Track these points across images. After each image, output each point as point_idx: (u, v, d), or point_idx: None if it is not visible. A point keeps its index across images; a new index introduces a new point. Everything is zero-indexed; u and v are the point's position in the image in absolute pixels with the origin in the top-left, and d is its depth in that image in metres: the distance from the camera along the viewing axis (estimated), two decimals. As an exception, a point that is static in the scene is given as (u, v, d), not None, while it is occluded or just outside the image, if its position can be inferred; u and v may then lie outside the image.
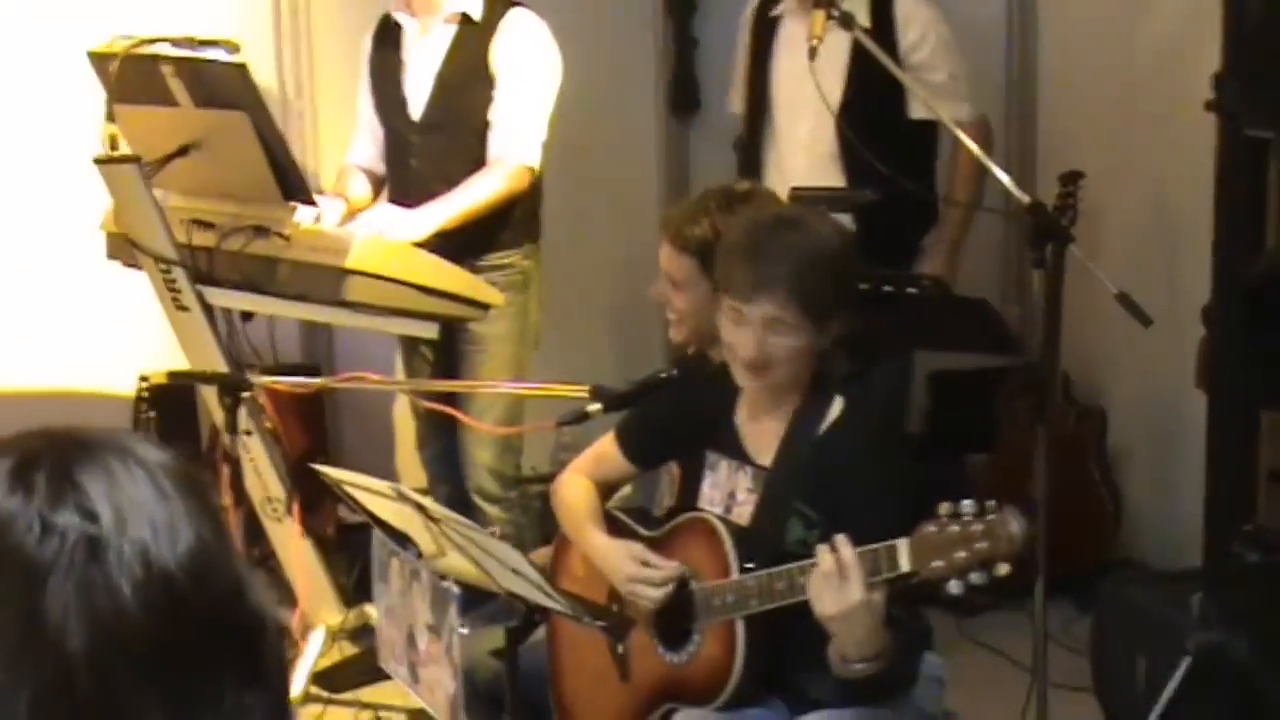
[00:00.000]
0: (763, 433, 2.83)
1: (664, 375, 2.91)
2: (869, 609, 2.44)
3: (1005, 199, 3.73)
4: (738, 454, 2.84)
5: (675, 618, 2.82)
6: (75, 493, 1.15)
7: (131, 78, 3.77)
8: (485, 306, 4.03)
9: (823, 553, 2.46)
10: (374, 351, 4.88)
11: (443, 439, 4.51)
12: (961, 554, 2.34)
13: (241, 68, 3.73)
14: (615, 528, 3.00)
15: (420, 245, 3.98)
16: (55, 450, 1.19)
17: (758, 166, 4.48)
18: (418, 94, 4.34)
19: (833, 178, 4.28)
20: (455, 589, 2.58)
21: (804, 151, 4.35)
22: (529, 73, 4.27)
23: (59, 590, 1.13)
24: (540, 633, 3.01)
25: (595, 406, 2.78)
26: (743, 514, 2.81)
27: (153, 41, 3.82)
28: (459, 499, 4.36)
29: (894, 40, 4.25)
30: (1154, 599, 3.52)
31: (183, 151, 3.82)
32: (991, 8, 5.43)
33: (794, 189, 4.00)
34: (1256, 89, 2.81)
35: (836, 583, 2.43)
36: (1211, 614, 2.84)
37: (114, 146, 3.77)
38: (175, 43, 3.84)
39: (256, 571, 1.26)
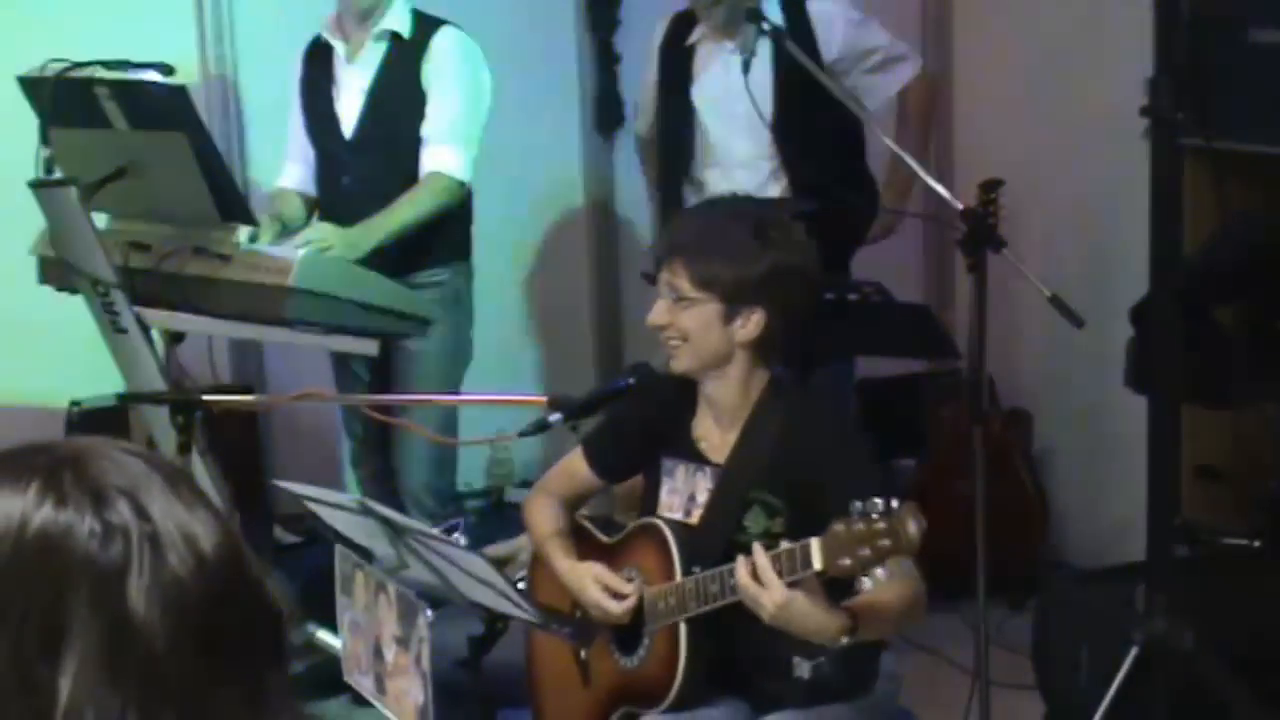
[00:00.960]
0: (721, 437, 2.88)
1: (623, 384, 2.95)
2: (799, 602, 2.48)
3: (938, 205, 3.83)
4: (694, 457, 2.89)
5: (630, 622, 2.87)
6: (115, 494, 1.16)
7: (66, 101, 3.77)
8: (425, 322, 4.05)
9: (739, 561, 2.53)
10: (305, 370, 4.88)
11: (378, 458, 4.52)
12: (865, 551, 2.38)
13: (180, 89, 3.74)
14: (580, 536, 3.04)
15: (356, 263, 4.00)
16: (62, 460, 1.18)
17: (678, 194, 4.51)
18: (349, 113, 4.35)
19: (775, 191, 4.34)
20: (423, 601, 2.60)
21: (744, 169, 4.38)
22: (459, 89, 4.30)
23: (139, 591, 1.14)
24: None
25: (555, 416, 2.80)
26: (700, 515, 2.87)
27: (86, 65, 3.82)
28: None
29: (814, 43, 4.30)
30: (1094, 595, 3.61)
31: (119, 174, 3.80)
32: (907, 9, 5.50)
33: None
34: (1188, 96, 2.89)
35: (757, 588, 2.49)
36: (1156, 605, 2.91)
37: (49, 170, 3.76)
38: (109, 65, 3.83)
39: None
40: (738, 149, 4.39)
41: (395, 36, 4.32)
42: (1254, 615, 3.53)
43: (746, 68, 3.78)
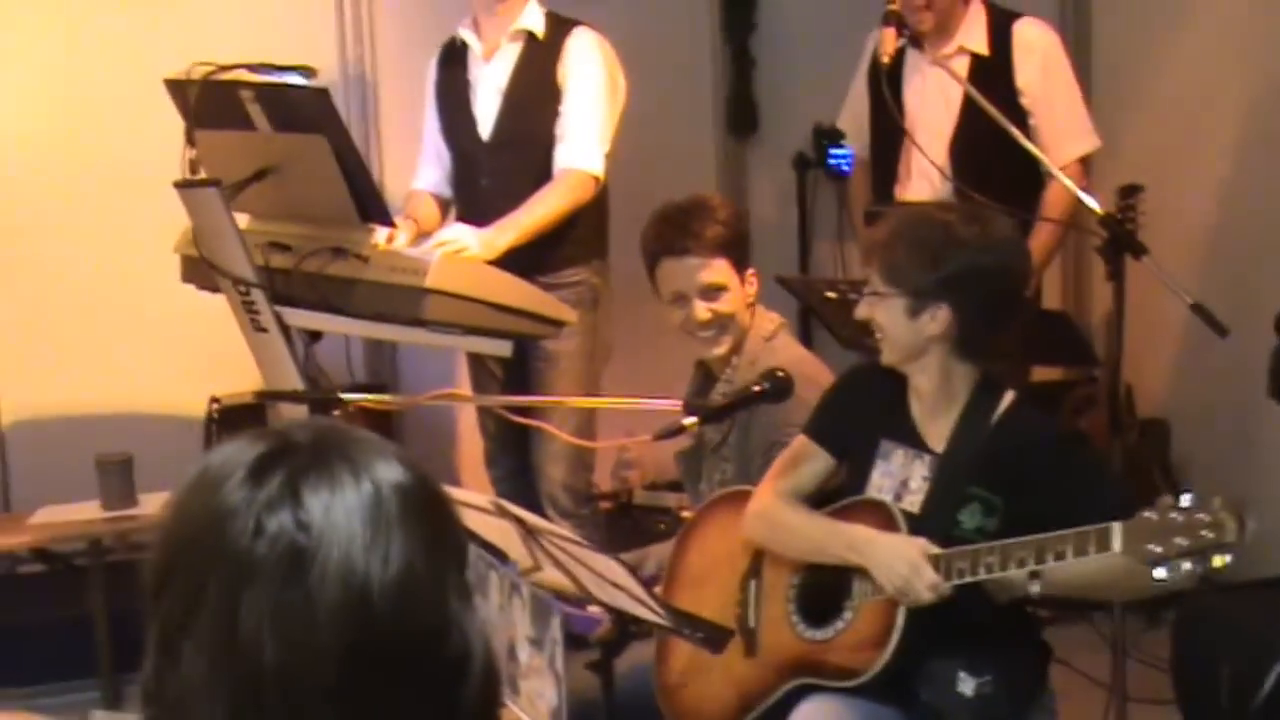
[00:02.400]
0: (937, 424, 2.87)
1: (756, 389, 2.94)
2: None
3: (1077, 211, 3.78)
4: (914, 442, 2.88)
5: (819, 596, 2.85)
6: (295, 499, 1.16)
7: (210, 103, 3.82)
8: (559, 324, 4.06)
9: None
10: (436, 370, 4.93)
11: (513, 457, 4.55)
12: (1182, 540, 2.35)
13: (323, 92, 3.78)
14: None
15: (492, 263, 4.03)
16: (302, 450, 1.19)
17: (889, 187, 4.44)
18: (486, 113, 4.42)
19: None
20: (557, 602, 2.61)
21: (923, 177, 4.32)
22: (591, 86, 4.35)
23: (257, 600, 1.13)
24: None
25: (690, 420, 2.80)
26: (914, 502, 2.84)
27: (230, 68, 3.87)
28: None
29: (1010, 69, 4.24)
30: (1236, 609, 3.54)
31: (261, 175, 3.85)
32: (1044, 13, 5.42)
33: (868, 208, 4.04)
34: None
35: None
36: (1303, 620, 2.86)
37: (194, 171, 3.82)
38: (253, 68, 3.88)
39: (473, 613, 1.22)
40: (920, 160, 4.26)
41: (530, 36, 4.38)
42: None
43: (887, 70, 3.75)
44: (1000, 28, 4.25)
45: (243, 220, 4.01)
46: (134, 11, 5.00)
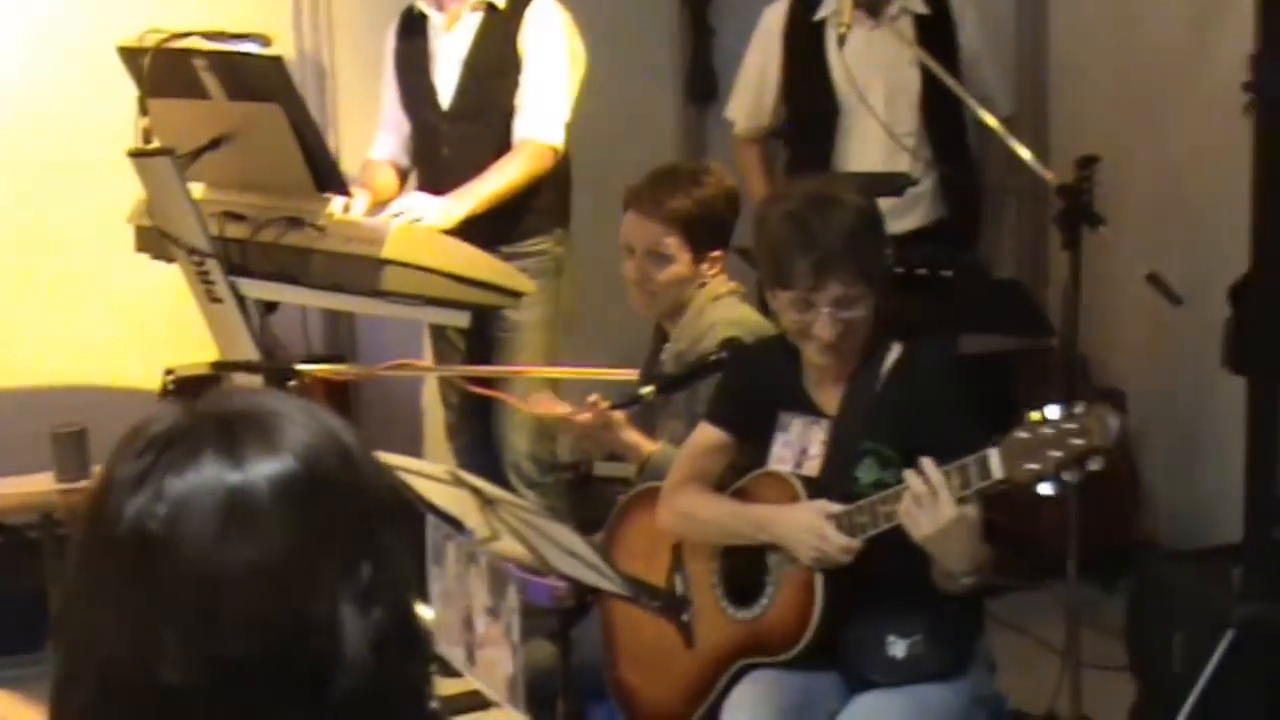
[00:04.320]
0: (830, 389, 2.88)
1: (713, 358, 2.95)
2: (964, 523, 2.50)
3: (1032, 181, 3.79)
4: (810, 409, 2.88)
5: (742, 575, 2.86)
6: (157, 482, 1.12)
7: (164, 71, 3.79)
8: (517, 294, 4.06)
9: (910, 477, 2.52)
10: (396, 341, 4.91)
11: (475, 427, 4.55)
12: (1056, 453, 2.38)
13: (277, 60, 3.75)
14: None
15: (452, 233, 4.02)
16: (196, 430, 1.15)
17: (824, 163, 4.43)
18: (446, 83, 4.41)
19: (904, 166, 4.30)
20: (514, 570, 2.61)
21: (878, 144, 4.32)
22: (551, 57, 4.35)
23: (108, 585, 1.11)
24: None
25: (648, 389, 2.81)
26: (813, 467, 2.85)
27: (184, 35, 3.84)
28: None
29: (952, 28, 4.26)
30: (1189, 576, 3.57)
31: (215, 144, 3.83)
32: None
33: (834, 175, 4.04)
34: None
35: (929, 503, 2.49)
36: (1253, 587, 2.88)
37: (147, 140, 3.79)
38: (207, 36, 3.86)
39: (356, 613, 1.14)
40: (872, 124, 4.24)
41: (490, 7, 4.37)
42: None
43: (842, 41, 3.75)
44: None
45: (197, 190, 3.98)
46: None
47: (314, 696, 1.12)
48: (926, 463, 2.51)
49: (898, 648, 2.74)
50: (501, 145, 4.31)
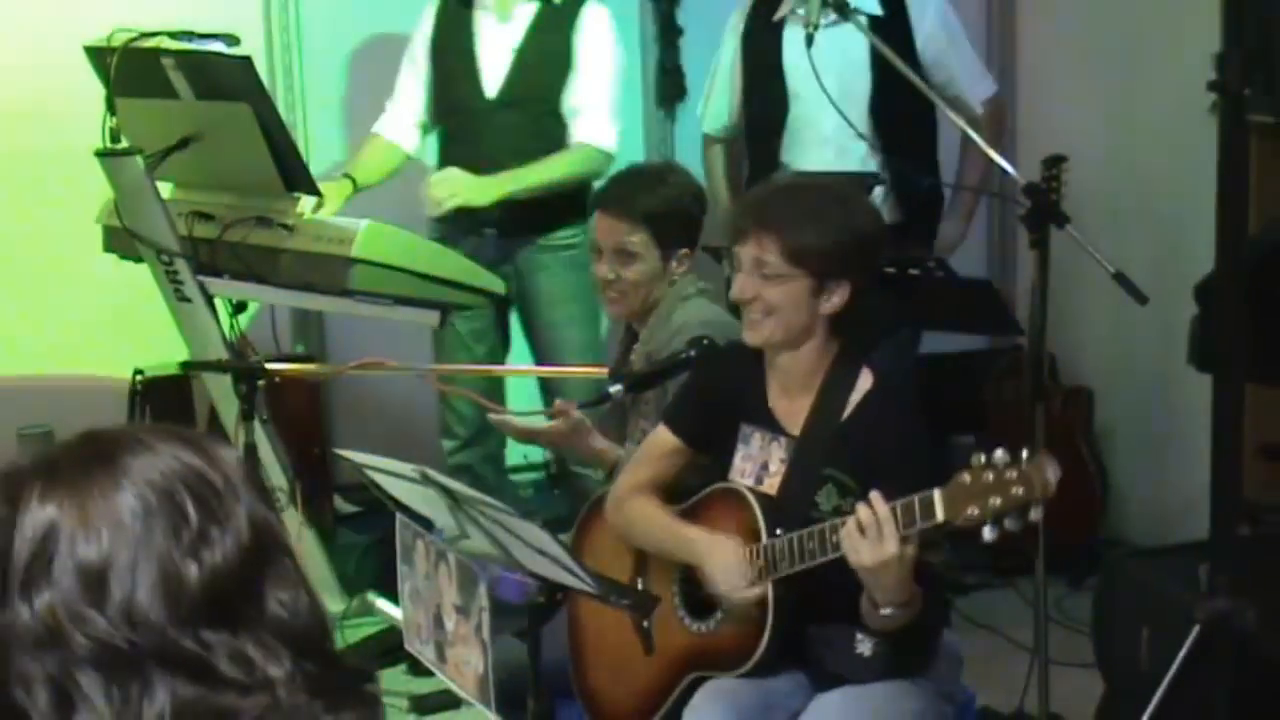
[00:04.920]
0: (795, 406, 2.87)
1: (682, 356, 2.95)
2: (901, 561, 2.52)
3: (1002, 180, 3.81)
4: (771, 425, 2.88)
5: (698, 586, 2.87)
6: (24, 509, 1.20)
7: (132, 71, 3.79)
8: (488, 294, 4.06)
9: (860, 508, 2.53)
10: (365, 342, 4.89)
11: (471, 427, 4.61)
12: (996, 500, 2.40)
13: (246, 60, 3.75)
14: None
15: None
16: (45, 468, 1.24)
17: (773, 163, 4.43)
18: (495, 72, 4.46)
19: (854, 166, 4.30)
20: (483, 569, 2.61)
21: (830, 145, 4.32)
22: (609, 61, 4.50)
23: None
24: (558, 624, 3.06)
25: (616, 387, 2.81)
26: (774, 485, 2.85)
27: (152, 35, 3.84)
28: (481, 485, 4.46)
29: (908, 27, 4.27)
30: (1156, 574, 3.58)
31: (184, 143, 3.83)
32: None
33: (796, 175, 4.05)
34: (1255, 72, 2.86)
35: (874, 535, 2.50)
36: (1219, 584, 2.89)
37: (115, 140, 3.79)
38: (174, 35, 3.85)
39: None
40: (826, 124, 4.27)
41: (545, 0, 4.45)
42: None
43: (810, 42, 3.75)
44: None
45: (166, 189, 3.98)
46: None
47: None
48: (875, 496, 2.53)
49: (865, 646, 2.75)
50: (544, 137, 4.40)
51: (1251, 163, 3.94)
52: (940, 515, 2.47)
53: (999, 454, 2.42)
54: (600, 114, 4.43)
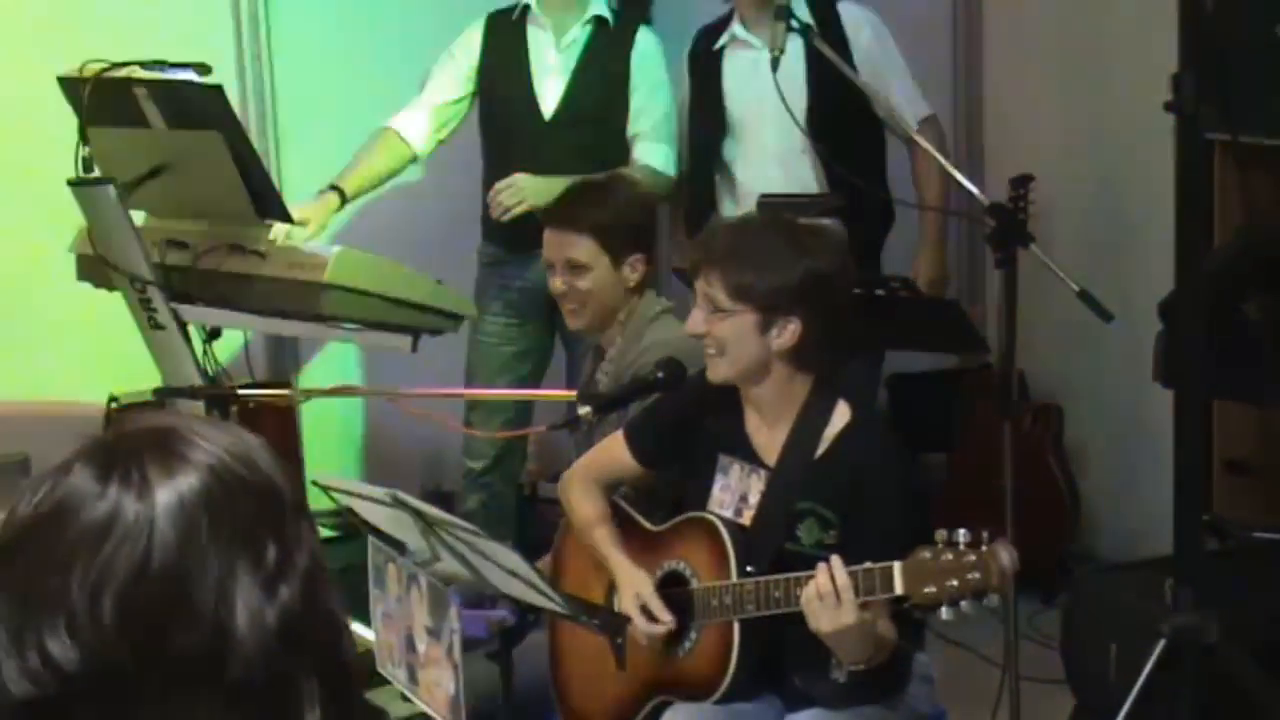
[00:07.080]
0: (772, 437, 2.89)
1: (651, 378, 2.98)
2: (861, 627, 2.53)
3: (967, 201, 3.84)
4: (749, 456, 2.90)
5: (674, 612, 2.89)
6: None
7: (104, 100, 3.79)
8: (459, 317, 4.08)
9: (819, 574, 2.54)
10: (337, 367, 4.92)
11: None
12: (953, 583, 2.41)
13: (216, 89, 3.76)
14: (622, 521, 3.06)
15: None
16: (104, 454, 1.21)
17: (711, 192, 4.52)
18: (551, 92, 4.54)
19: (809, 184, 4.36)
20: (454, 592, 2.63)
21: (776, 162, 4.40)
22: (666, 89, 4.57)
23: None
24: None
25: (585, 410, 2.84)
26: (750, 517, 2.87)
27: (124, 65, 3.85)
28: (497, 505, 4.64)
29: (845, 45, 4.31)
30: (1123, 588, 3.62)
31: (156, 172, 3.84)
32: (937, 8, 5.52)
33: (762, 196, 4.08)
34: (1212, 90, 2.91)
35: (831, 604, 2.52)
36: (1184, 598, 2.93)
37: (88, 169, 3.80)
38: (146, 65, 3.87)
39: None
40: (770, 144, 4.38)
41: (600, 22, 4.52)
42: (1281, 609, 3.54)
43: (775, 65, 3.79)
44: (822, 5, 4.35)
45: (139, 217, 3.99)
46: (26, 8, 4.95)
47: (211, 678, 1.15)
48: (836, 563, 2.54)
49: (839, 672, 2.75)
50: (600, 155, 4.43)
51: (1215, 179, 4.02)
52: (899, 588, 2.47)
53: (961, 534, 2.43)
54: (662, 140, 4.51)
